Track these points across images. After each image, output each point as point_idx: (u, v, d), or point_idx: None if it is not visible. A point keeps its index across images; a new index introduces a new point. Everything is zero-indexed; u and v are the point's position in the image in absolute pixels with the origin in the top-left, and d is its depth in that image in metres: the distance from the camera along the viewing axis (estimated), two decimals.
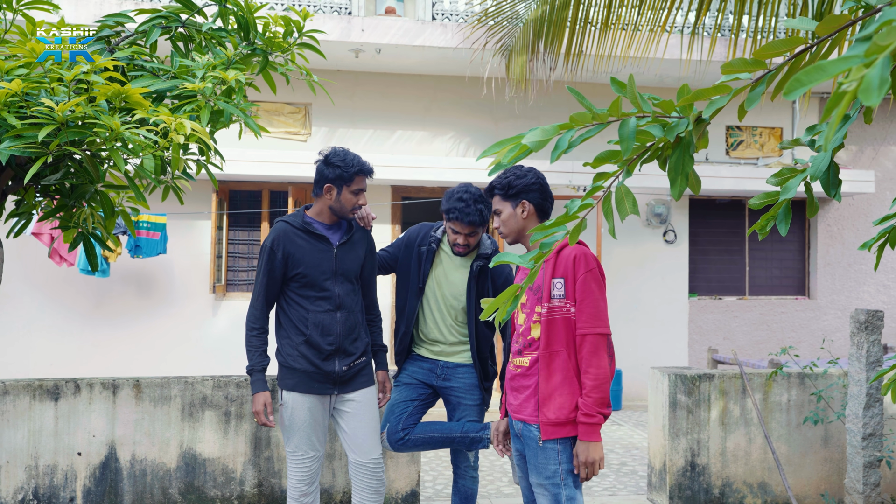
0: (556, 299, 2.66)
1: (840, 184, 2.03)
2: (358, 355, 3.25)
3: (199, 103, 3.27)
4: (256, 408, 3.15)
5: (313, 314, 3.18)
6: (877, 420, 4.16)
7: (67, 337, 7.30)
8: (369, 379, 3.31)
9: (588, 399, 2.54)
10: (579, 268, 2.64)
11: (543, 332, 2.66)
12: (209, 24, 3.56)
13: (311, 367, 3.16)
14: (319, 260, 3.20)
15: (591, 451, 2.56)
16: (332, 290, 3.19)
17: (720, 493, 4.53)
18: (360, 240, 3.34)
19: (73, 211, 3.50)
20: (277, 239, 3.20)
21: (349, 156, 3.25)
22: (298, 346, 3.18)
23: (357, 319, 3.27)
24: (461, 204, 3.34)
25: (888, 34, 1.02)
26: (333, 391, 3.21)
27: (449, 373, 3.49)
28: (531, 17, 6.64)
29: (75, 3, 6.48)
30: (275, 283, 3.20)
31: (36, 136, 2.72)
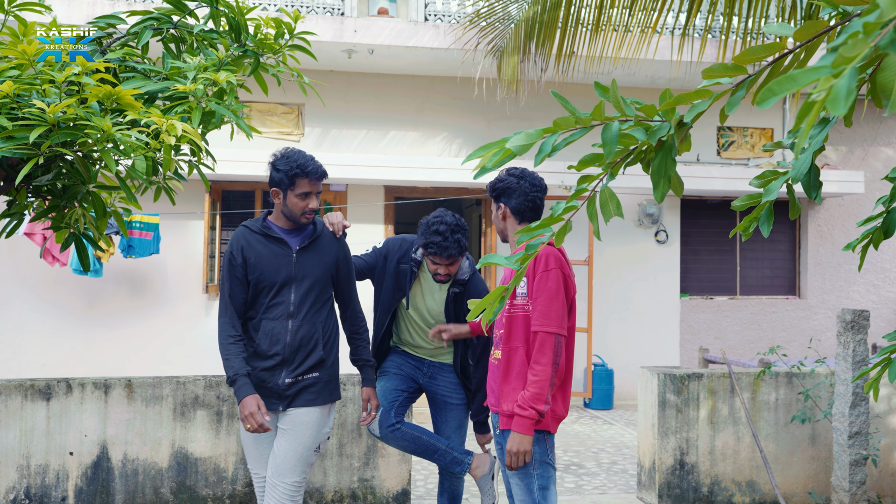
0: (519, 297, 2.77)
1: (820, 186, 2.07)
2: (308, 369, 3.02)
3: (191, 104, 3.28)
4: (249, 409, 2.89)
5: (264, 322, 3.01)
6: (863, 419, 4.21)
7: (60, 337, 7.30)
8: (318, 398, 3.05)
9: (526, 393, 2.62)
10: (538, 267, 2.71)
11: (506, 328, 2.78)
12: (201, 26, 3.58)
13: (256, 380, 2.97)
14: (277, 265, 3.03)
15: (520, 442, 2.63)
16: (286, 297, 3.01)
17: (709, 491, 4.57)
18: (327, 246, 3.14)
19: (65, 211, 3.51)
20: (236, 243, 3.08)
21: (293, 157, 3.07)
22: (249, 358, 3.00)
23: (315, 331, 3.04)
24: (438, 238, 3.25)
25: (853, 46, 1.06)
26: (279, 406, 3.00)
27: (435, 371, 3.46)
28: (522, 18, 6.67)
29: (67, 3, 6.48)
30: (240, 288, 3.05)
31: (27, 137, 2.74)
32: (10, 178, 3.33)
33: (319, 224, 3.16)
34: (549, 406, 2.66)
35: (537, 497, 2.73)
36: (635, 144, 1.85)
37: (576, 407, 8.08)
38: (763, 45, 1.51)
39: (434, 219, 3.29)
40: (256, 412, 2.90)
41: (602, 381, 8.01)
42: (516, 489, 2.77)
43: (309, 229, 3.14)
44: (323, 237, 3.14)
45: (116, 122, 3.00)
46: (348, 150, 7.85)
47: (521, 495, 2.75)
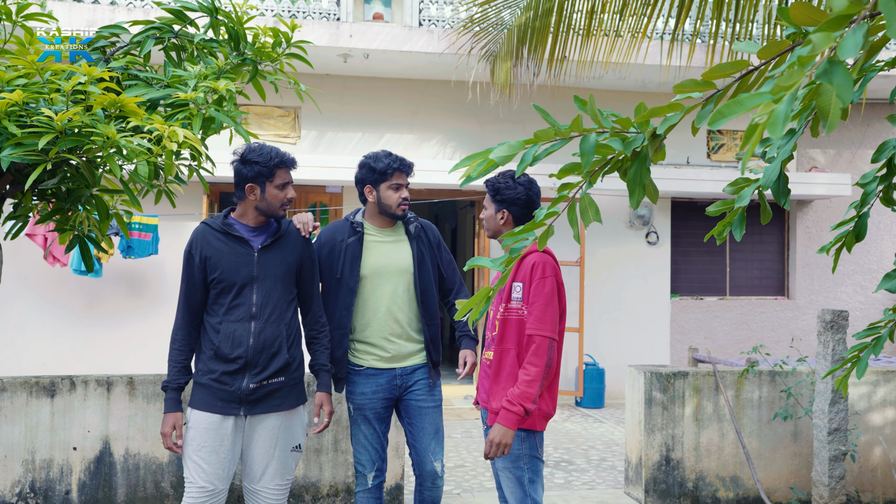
0: (514, 301, 2.89)
1: (789, 192, 2.20)
2: (273, 373, 2.90)
3: (191, 111, 3.40)
4: (164, 429, 2.85)
5: (225, 324, 2.89)
6: (842, 416, 4.35)
7: (60, 336, 7.42)
8: (285, 402, 2.95)
9: (516, 390, 2.76)
10: (535, 274, 2.85)
11: (500, 330, 2.91)
12: (201, 35, 3.70)
13: (216, 383, 2.87)
14: (237, 264, 2.93)
15: (503, 434, 2.75)
16: (248, 298, 2.91)
17: (694, 486, 4.70)
18: (292, 244, 3.05)
19: (69, 214, 3.64)
20: (195, 242, 2.99)
21: (266, 149, 3.05)
22: (208, 361, 2.90)
23: (279, 332, 2.93)
24: (391, 157, 3.30)
25: (790, 76, 1.19)
26: (239, 411, 2.87)
27: (408, 378, 3.30)
28: (515, 23, 6.79)
29: (69, 9, 6.60)
30: (195, 289, 2.94)
31: (36, 143, 2.87)
32: (17, 182, 3.46)
33: (284, 222, 3.10)
34: (535, 405, 2.81)
35: (527, 489, 2.89)
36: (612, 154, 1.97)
37: (567, 405, 8.22)
38: (730, 63, 1.64)
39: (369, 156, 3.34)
40: (169, 434, 2.85)
41: (593, 381, 8.15)
42: (506, 481, 2.92)
43: (272, 227, 3.06)
44: (287, 236, 3.05)
45: (120, 128, 3.13)
46: (344, 153, 7.97)
47: (511, 486, 2.91)
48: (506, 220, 3.01)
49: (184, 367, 2.92)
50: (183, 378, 2.92)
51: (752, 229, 9.15)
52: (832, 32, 1.18)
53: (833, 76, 1.17)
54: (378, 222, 3.36)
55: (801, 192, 8.58)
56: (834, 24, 1.19)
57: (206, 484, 2.84)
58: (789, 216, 9.23)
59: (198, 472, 2.85)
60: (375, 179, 3.29)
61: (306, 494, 4.25)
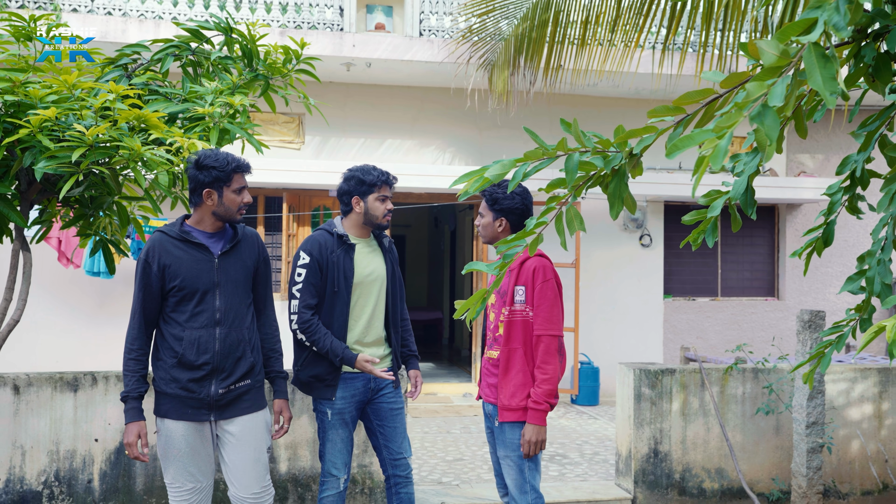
0: (517, 304, 3.15)
1: (755, 204, 2.45)
2: (239, 377, 2.96)
3: (207, 124, 3.66)
4: (128, 439, 2.86)
5: (189, 331, 2.91)
6: (819, 410, 4.60)
7: (72, 335, 7.67)
8: (254, 404, 3.03)
9: (538, 390, 3.07)
10: (538, 278, 3.13)
11: (505, 331, 3.17)
12: (217, 53, 3.96)
13: (184, 392, 2.90)
14: (198, 271, 2.94)
15: (537, 433, 3.09)
16: (211, 304, 2.94)
17: (680, 477, 4.96)
18: (248, 248, 3.10)
19: (91, 220, 3.90)
20: (152, 250, 2.97)
21: (222, 155, 3.04)
22: (171, 369, 2.91)
23: (242, 337, 2.99)
24: (379, 171, 3.47)
25: (729, 118, 1.45)
26: (209, 417, 2.93)
27: (379, 382, 3.45)
28: (512, 34, 7.03)
29: (83, 20, 6.85)
30: (152, 298, 2.94)
31: (68, 156, 3.13)
32: (44, 190, 3.71)
33: (239, 227, 3.12)
34: (557, 399, 3.13)
35: (526, 475, 3.18)
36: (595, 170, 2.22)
37: (563, 403, 8.47)
38: (697, 91, 1.89)
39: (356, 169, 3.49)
40: (135, 443, 2.87)
41: (588, 379, 8.40)
42: (508, 469, 3.19)
43: (229, 233, 3.08)
44: (244, 241, 3.10)
45: (143, 140, 3.38)
46: (347, 158, 8.23)
47: (513, 474, 3.19)
48: (504, 228, 3.24)
49: (142, 377, 2.92)
50: (143, 387, 2.92)
51: (744, 233, 9.40)
52: (764, 81, 1.43)
53: (764, 118, 1.42)
54: (359, 232, 3.50)
55: (791, 195, 8.84)
56: (766, 75, 1.44)
57: (195, 483, 2.94)
58: (779, 220, 9.49)
59: (184, 476, 2.92)
60: (364, 191, 3.44)
61: (313, 484, 4.49)
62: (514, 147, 8.62)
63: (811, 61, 1.40)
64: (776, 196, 8.86)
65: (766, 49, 1.42)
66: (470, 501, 4.71)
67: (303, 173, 7.70)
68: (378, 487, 4.57)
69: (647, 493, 4.90)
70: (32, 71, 3.54)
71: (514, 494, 3.19)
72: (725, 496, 4.98)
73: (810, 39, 1.39)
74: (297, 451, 4.41)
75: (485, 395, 3.32)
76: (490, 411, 3.28)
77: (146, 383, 2.95)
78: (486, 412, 3.35)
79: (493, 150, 8.71)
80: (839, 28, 1.39)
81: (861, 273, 2.85)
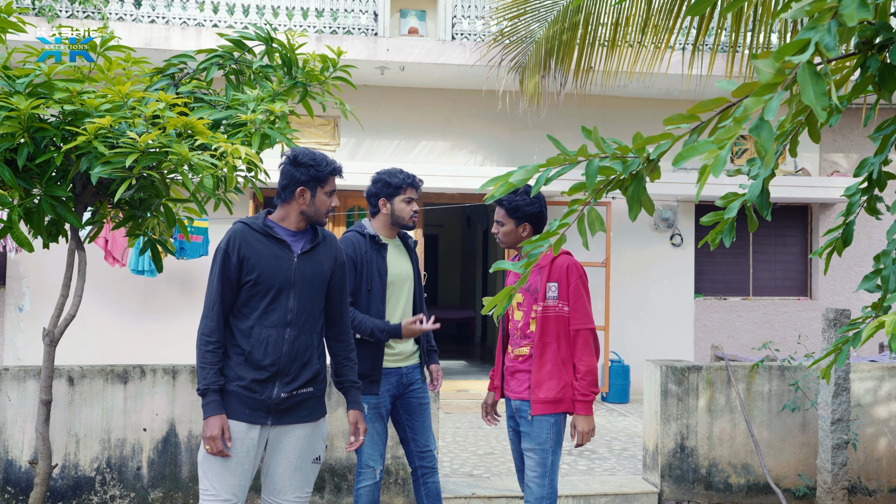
0: (549, 300, 3.29)
1: (770, 206, 2.57)
2: (303, 383, 2.85)
3: (249, 130, 3.86)
4: (211, 432, 2.70)
5: (259, 328, 2.81)
6: (844, 407, 4.67)
7: (117, 330, 7.98)
8: (312, 413, 2.91)
9: (583, 382, 3.24)
10: (572, 275, 3.29)
11: (538, 326, 3.29)
12: (258, 62, 4.17)
13: (245, 390, 2.78)
14: (277, 268, 2.85)
15: (587, 422, 3.26)
16: (284, 304, 2.84)
17: (707, 472, 5.05)
18: (327, 251, 3.01)
19: (140, 221, 4.14)
20: (233, 239, 2.88)
21: (319, 155, 3.00)
22: (237, 366, 2.81)
23: (311, 342, 2.89)
24: (404, 174, 3.63)
25: (728, 130, 1.58)
26: (267, 421, 2.80)
27: (409, 377, 3.62)
28: (543, 36, 7.15)
29: (128, 28, 7.14)
30: (231, 289, 2.86)
31: (122, 161, 3.34)
32: (96, 193, 3.95)
33: (321, 229, 3.06)
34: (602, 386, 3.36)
35: (548, 470, 3.31)
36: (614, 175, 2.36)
37: None
38: (711, 100, 2.02)
39: (383, 172, 3.67)
40: (219, 437, 2.71)
41: (618, 377, 8.50)
42: (531, 462, 3.32)
43: (310, 234, 3.00)
44: (324, 243, 3.01)
45: (189, 146, 3.59)
46: (381, 160, 8.42)
47: (535, 468, 3.30)
48: (528, 232, 3.37)
49: (219, 370, 2.81)
50: (222, 380, 2.80)
51: (776, 232, 9.41)
52: (761, 97, 1.56)
53: (761, 131, 1.55)
54: (387, 233, 3.66)
55: (823, 195, 8.83)
56: (763, 91, 1.57)
57: (229, 496, 2.76)
58: (812, 219, 9.48)
59: (222, 484, 2.74)
60: (390, 193, 3.60)
61: (349, 474, 4.68)
62: (545, 148, 8.75)
63: (804, 79, 1.53)
64: (809, 196, 8.86)
65: (762, 68, 1.55)
66: (499, 493, 4.86)
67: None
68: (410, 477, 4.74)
69: (673, 487, 5.00)
70: (88, 81, 3.79)
71: (532, 488, 3.30)
72: (751, 491, 5.06)
73: (802, 59, 1.51)
74: (333, 441, 4.60)
75: (511, 393, 3.41)
76: (518, 407, 3.36)
77: (223, 376, 2.81)
78: (510, 409, 3.45)
79: (524, 151, 8.84)
80: (829, 48, 1.52)
81: (877, 272, 2.94)
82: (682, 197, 8.95)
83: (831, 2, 1.51)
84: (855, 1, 1.45)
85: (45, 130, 3.50)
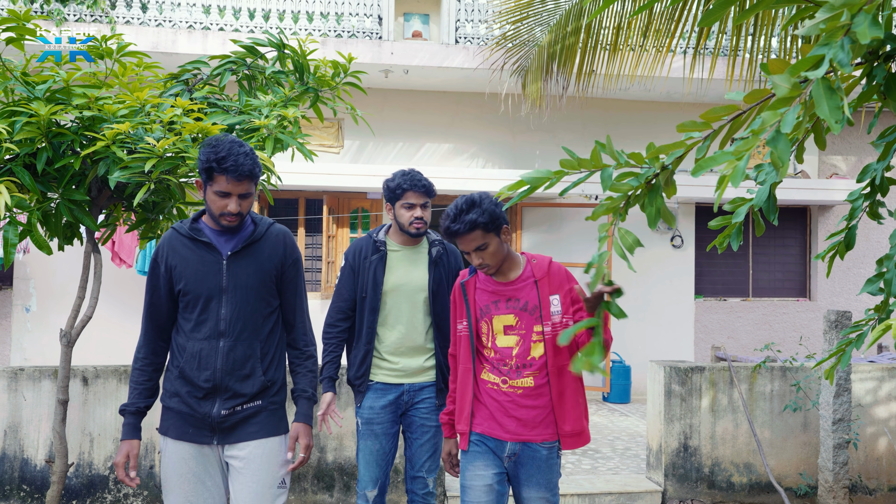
0: (555, 315, 2.78)
1: (777, 210, 2.64)
2: (248, 398, 2.57)
3: (262, 135, 3.93)
4: (116, 458, 2.58)
5: (191, 342, 2.57)
6: (845, 407, 4.75)
7: (123, 331, 8.03)
8: (264, 429, 2.61)
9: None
10: (572, 280, 2.84)
11: (549, 350, 2.76)
12: (270, 68, 4.24)
13: (185, 407, 2.56)
14: (204, 274, 2.59)
15: None
16: (215, 312, 2.56)
17: (710, 471, 5.13)
18: (270, 248, 2.67)
19: (153, 224, 4.21)
20: (161, 249, 2.67)
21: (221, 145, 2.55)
22: (174, 381, 2.59)
23: (252, 352, 2.58)
24: (408, 176, 3.36)
25: (746, 143, 1.66)
26: (212, 440, 2.56)
27: (416, 395, 3.35)
28: (545, 40, 7.23)
29: (136, 32, 7.20)
30: (160, 301, 2.63)
31: (141, 166, 3.41)
32: (111, 196, 4.01)
33: (263, 224, 2.72)
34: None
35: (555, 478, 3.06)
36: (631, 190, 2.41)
37: (595, 400, 8.65)
38: (723, 107, 2.09)
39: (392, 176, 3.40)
40: (122, 464, 2.58)
41: (620, 377, 8.58)
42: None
43: (248, 230, 2.68)
44: (265, 240, 2.68)
45: None
46: (384, 162, 8.49)
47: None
48: (508, 234, 2.85)
49: (145, 389, 2.64)
50: (143, 401, 2.64)
51: (775, 234, 9.50)
52: (777, 111, 1.64)
53: (778, 143, 1.63)
54: (400, 239, 3.44)
55: (823, 197, 8.92)
56: (779, 104, 1.64)
57: None
58: (811, 221, 9.57)
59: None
60: (391, 198, 3.40)
61: None
62: (547, 151, 8.82)
63: (819, 94, 1.61)
64: (808, 198, 8.95)
65: (779, 83, 1.63)
66: None
67: (342, 177, 7.99)
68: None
69: (676, 485, 5.08)
70: (105, 87, 3.86)
71: None
72: (754, 490, 5.14)
73: (817, 75, 1.59)
74: (342, 441, 4.66)
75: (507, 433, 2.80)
76: (517, 451, 2.81)
77: (149, 397, 2.65)
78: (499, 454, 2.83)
79: (526, 153, 8.91)
80: (843, 65, 1.59)
81: (880, 275, 3.02)
82: (683, 199, 9.03)
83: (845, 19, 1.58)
84: (867, 19, 1.52)
85: (63, 136, 3.57)
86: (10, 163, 3.60)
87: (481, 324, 2.86)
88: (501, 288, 2.85)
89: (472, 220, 2.68)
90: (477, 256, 2.76)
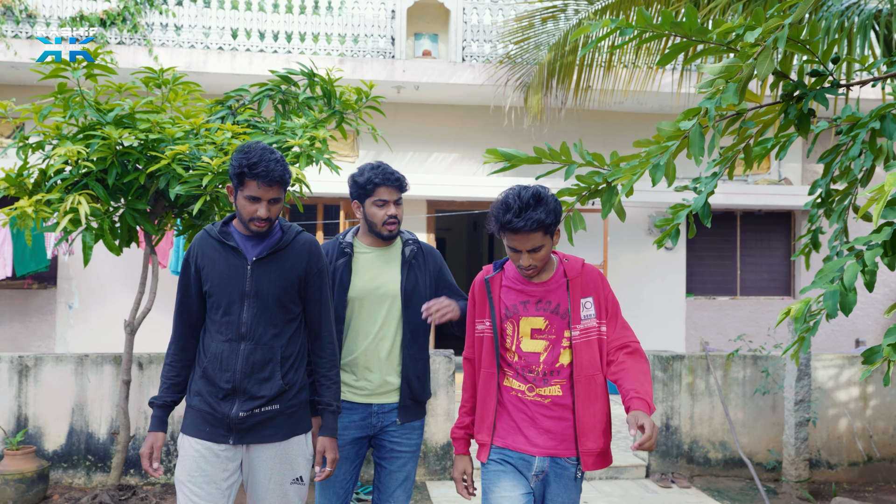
0: (586, 320, 2.55)
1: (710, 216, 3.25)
2: (266, 401, 2.60)
3: (296, 153, 4.59)
4: (142, 449, 2.63)
5: (214, 343, 2.62)
6: (805, 389, 5.38)
7: (158, 326, 8.70)
8: (279, 433, 2.64)
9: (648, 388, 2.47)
10: (606, 284, 2.63)
11: (577, 356, 2.52)
12: (303, 94, 4.90)
13: (206, 406, 2.60)
14: (228, 277, 2.63)
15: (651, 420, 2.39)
16: (237, 315, 2.61)
17: (689, 448, 5.77)
18: (295, 257, 2.69)
19: (198, 229, 4.88)
20: (192, 249, 2.72)
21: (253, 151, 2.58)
22: (198, 381, 2.64)
23: (272, 356, 2.62)
24: (378, 170, 2.95)
25: (642, 165, 2.31)
26: (228, 439, 2.59)
27: (385, 417, 2.96)
28: (545, 59, 7.88)
29: (171, 53, 7.88)
30: (191, 300, 2.68)
31: (198, 181, 4.07)
32: (165, 206, 4.67)
33: (291, 231, 2.73)
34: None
35: None
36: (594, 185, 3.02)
37: None
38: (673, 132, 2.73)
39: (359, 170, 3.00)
40: (146, 454, 2.63)
41: None
42: None
43: (275, 237, 2.70)
44: (291, 248, 2.70)
45: None
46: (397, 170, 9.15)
47: None
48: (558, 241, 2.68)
49: (174, 385, 2.67)
50: (171, 396, 2.67)
51: (762, 236, 10.12)
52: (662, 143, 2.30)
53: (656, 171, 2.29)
54: (370, 241, 3.04)
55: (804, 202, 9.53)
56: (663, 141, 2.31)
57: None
58: (795, 224, 10.19)
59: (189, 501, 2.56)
60: (360, 195, 2.97)
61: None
62: None
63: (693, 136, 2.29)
64: (791, 203, 9.57)
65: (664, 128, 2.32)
66: None
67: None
68: (429, 452, 5.45)
69: (659, 461, 5.72)
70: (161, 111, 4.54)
71: None
72: (728, 465, 5.78)
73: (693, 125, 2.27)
74: None
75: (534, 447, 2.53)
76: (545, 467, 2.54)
77: (178, 393, 2.69)
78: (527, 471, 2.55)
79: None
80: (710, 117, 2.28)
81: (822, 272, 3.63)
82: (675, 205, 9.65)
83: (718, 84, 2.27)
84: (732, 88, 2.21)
85: (129, 154, 4.24)
86: (85, 178, 4.28)
87: (506, 325, 2.60)
88: (532, 288, 2.59)
89: (540, 220, 2.40)
90: (529, 258, 2.48)
